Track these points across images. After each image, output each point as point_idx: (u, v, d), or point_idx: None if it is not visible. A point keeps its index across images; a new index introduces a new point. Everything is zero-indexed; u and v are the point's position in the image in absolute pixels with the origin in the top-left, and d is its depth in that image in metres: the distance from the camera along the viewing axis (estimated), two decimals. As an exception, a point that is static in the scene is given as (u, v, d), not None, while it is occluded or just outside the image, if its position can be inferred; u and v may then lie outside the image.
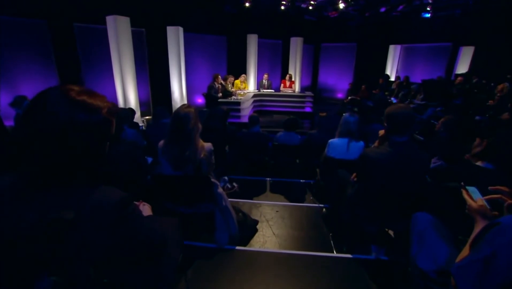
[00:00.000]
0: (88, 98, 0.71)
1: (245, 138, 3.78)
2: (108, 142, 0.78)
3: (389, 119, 1.68)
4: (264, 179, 4.05)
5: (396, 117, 1.64)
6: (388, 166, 1.62)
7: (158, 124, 3.05)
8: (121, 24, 6.00)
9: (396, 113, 1.66)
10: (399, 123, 1.63)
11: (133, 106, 6.69)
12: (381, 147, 1.70)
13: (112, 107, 0.76)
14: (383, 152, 1.64)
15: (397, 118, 1.63)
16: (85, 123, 0.68)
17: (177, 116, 1.77)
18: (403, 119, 1.62)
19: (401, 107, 1.69)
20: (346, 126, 2.73)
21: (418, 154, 1.63)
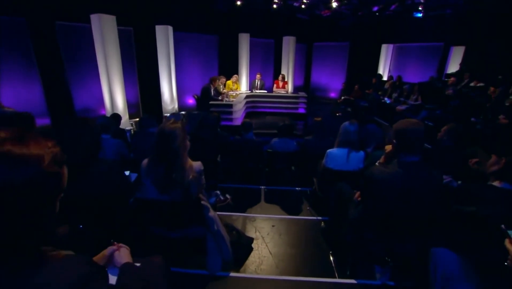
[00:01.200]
0: (16, 147, 0.52)
1: (238, 145, 3.61)
2: (57, 200, 0.59)
3: (398, 136, 1.53)
4: (258, 187, 3.89)
5: (407, 134, 1.49)
6: (397, 188, 1.47)
7: (145, 133, 2.84)
8: (107, 23, 5.71)
9: (406, 130, 1.50)
10: (410, 141, 1.48)
11: (120, 108, 6.42)
12: (389, 167, 1.55)
13: (59, 155, 0.57)
14: (392, 173, 1.49)
15: (408, 136, 1.48)
16: (14, 182, 0.49)
17: (162, 133, 1.58)
18: (415, 136, 1.47)
19: (412, 123, 1.53)
20: (345, 136, 2.58)
21: (431, 176, 1.48)
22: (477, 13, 8.39)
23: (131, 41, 7.57)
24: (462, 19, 8.86)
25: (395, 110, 7.69)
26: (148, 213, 1.66)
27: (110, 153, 2.76)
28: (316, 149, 3.57)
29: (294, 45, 9.78)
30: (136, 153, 2.81)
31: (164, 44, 7.37)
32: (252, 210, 3.20)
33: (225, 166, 3.89)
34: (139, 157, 2.76)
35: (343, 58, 11.44)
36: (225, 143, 3.69)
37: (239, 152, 3.63)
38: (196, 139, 2.78)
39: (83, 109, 7.08)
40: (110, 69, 5.99)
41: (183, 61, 8.49)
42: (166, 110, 7.87)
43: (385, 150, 1.86)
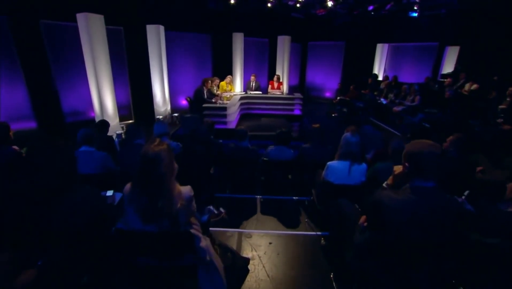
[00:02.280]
0: None
1: (232, 154, 3.44)
2: None
3: (412, 159, 1.37)
4: (254, 197, 3.74)
5: (423, 158, 1.33)
6: (411, 218, 1.32)
7: (132, 146, 2.65)
8: (94, 23, 5.45)
9: (422, 154, 1.35)
10: (426, 165, 1.33)
11: (110, 111, 6.18)
12: (400, 193, 1.40)
13: None
14: (404, 201, 1.35)
15: (424, 160, 1.32)
16: None
17: (145, 158, 1.40)
18: (432, 161, 1.32)
19: (429, 146, 1.37)
20: (347, 148, 2.44)
21: (449, 204, 1.33)
22: (472, 13, 8.35)
23: (121, 40, 7.31)
24: (456, 19, 8.81)
25: (392, 111, 7.61)
26: (131, 245, 1.49)
27: (95, 167, 2.58)
28: (313, 158, 3.43)
29: (289, 45, 9.60)
30: (123, 167, 2.62)
31: (156, 44, 7.12)
32: (248, 224, 3.05)
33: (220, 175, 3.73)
34: (126, 171, 2.58)
35: (338, 58, 11.32)
36: (219, 152, 3.53)
37: (234, 161, 3.47)
38: (188, 152, 2.61)
39: (71, 112, 6.82)
40: (98, 71, 5.74)
41: (175, 61, 8.26)
42: (159, 112, 7.64)
43: (393, 171, 1.71)
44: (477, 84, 6.89)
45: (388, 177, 2.48)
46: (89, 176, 2.57)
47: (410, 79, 9.81)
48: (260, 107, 7.47)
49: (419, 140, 1.43)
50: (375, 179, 2.57)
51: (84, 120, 6.93)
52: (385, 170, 2.49)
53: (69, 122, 6.78)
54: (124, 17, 7.02)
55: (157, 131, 3.49)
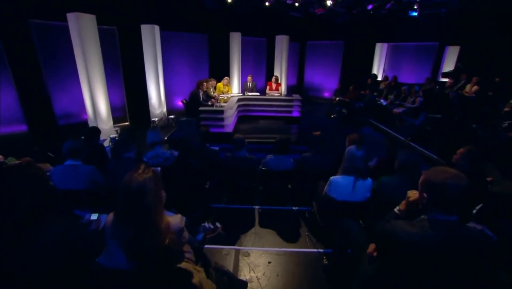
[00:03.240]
0: None
1: (229, 163, 3.29)
2: None
3: (432, 190, 1.22)
4: (252, 207, 3.59)
5: (446, 190, 1.17)
6: (429, 257, 1.18)
7: (120, 160, 2.48)
8: (85, 22, 5.25)
9: (445, 186, 1.18)
10: (449, 198, 1.18)
11: (103, 113, 5.98)
12: (417, 225, 1.25)
13: None
14: (422, 236, 1.19)
15: (447, 192, 1.17)
16: None
17: (129, 188, 1.24)
18: (456, 194, 1.17)
19: (453, 176, 1.20)
20: (351, 162, 2.29)
21: (474, 242, 1.18)
22: (472, 12, 8.21)
23: (115, 41, 7.10)
24: (457, 19, 8.67)
25: (392, 112, 7.48)
26: (112, 284, 1.33)
27: (81, 182, 2.41)
28: (314, 167, 3.29)
29: (287, 44, 9.43)
30: (110, 183, 2.45)
31: (151, 44, 6.92)
32: (246, 239, 2.90)
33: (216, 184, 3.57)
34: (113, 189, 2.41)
35: (337, 57, 11.16)
36: (215, 161, 3.37)
37: (231, 171, 3.32)
38: (181, 166, 2.45)
39: (64, 114, 6.62)
40: (90, 72, 5.54)
41: (171, 62, 8.06)
42: (154, 114, 7.45)
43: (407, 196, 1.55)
44: (478, 86, 6.77)
45: (395, 193, 2.34)
46: (74, 192, 2.41)
47: (410, 80, 9.69)
48: (258, 109, 7.30)
49: (440, 168, 1.27)
50: (380, 193, 2.43)
51: (77, 122, 6.73)
52: (392, 185, 2.35)
53: (62, 124, 6.59)
54: (117, 16, 6.80)
55: (150, 140, 3.33)
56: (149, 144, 3.34)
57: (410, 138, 6.30)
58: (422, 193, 1.27)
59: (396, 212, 1.58)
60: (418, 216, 1.41)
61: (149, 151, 3.34)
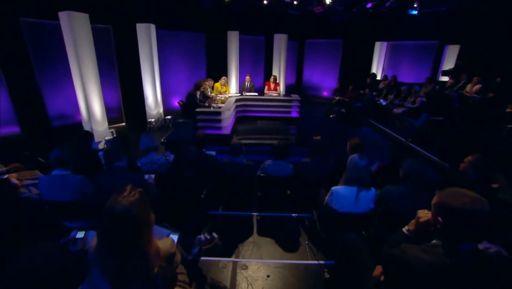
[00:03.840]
0: None
1: (227, 169, 3.18)
2: None
3: (449, 215, 1.09)
4: (250, 214, 3.49)
5: (465, 218, 1.06)
6: (444, 287, 1.08)
7: (111, 170, 2.36)
8: (78, 21, 5.09)
9: (463, 212, 1.07)
10: (468, 227, 1.07)
11: (97, 115, 5.84)
12: (430, 252, 1.14)
13: None
14: (436, 265, 1.09)
15: (466, 220, 1.06)
16: None
17: (113, 213, 1.12)
18: (477, 222, 1.05)
19: (472, 201, 1.08)
20: (355, 172, 2.19)
21: (495, 268, 1.06)
22: (472, 10, 8.10)
23: (110, 40, 6.93)
24: (456, 17, 8.56)
25: (392, 112, 7.38)
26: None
27: (70, 193, 2.29)
28: (315, 173, 3.19)
29: (286, 43, 9.31)
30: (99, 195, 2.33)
31: (147, 43, 6.77)
32: (244, 248, 2.80)
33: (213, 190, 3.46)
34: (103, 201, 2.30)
35: (336, 56, 11.03)
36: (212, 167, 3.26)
37: (228, 178, 3.21)
38: (174, 176, 2.33)
39: (58, 115, 6.48)
40: (84, 73, 5.38)
41: (168, 62, 7.90)
42: (151, 115, 7.32)
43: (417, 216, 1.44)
44: (480, 85, 6.69)
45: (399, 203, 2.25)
46: (62, 204, 2.29)
47: (409, 79, 9.60)
48: (256, 109, 7.18)
49: (457, 190, 1.15)
50: (384, 203, 2.34)
51: (72, 123, 6.59)
52: (396, 195, 2.26)
53: (56, 126, 6.45)
54: (112, 15, 6.64)
55: (143, 145, 3.21)
56: (143, 150, 3.22)
57: (411, 139, 6.22)
58: (437, 216, 1.16)
59: (404, 232, 1.48)
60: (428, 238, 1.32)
61: (143, 157, 3.22)
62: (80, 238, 1.67)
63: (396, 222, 2.34)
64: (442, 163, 5.00)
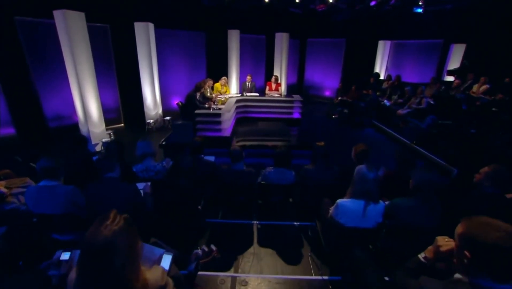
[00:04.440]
0: None
1: (226, 177, 3.04)
2: None
3: (479, 249, 0.95)
4: (250, 222, 3.36)
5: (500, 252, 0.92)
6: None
7: (101, 181, 2.22)
8: (73, 20, 4.94)
9: (499, 247, 0.92)
10: (503, 263, 0.92)
11: (94, 116, 5.70)
12: (451, 287, 1.00)
13: None
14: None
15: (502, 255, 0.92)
16: None
17: (93, 246, 0.98)
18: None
19: (508, 234, 0.94)
20: (362, 185, 2.04)
21: None
22: (479, 8, 7.89)
23: (108, 39, 6.79)
24: (463, 15, 8.35)
25: (396, 113, 7.22)
26: None
27: (59, 205, 2.15)
28: (318, 181, 3.04)
29: (287, 43, 9.14)
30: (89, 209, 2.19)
31: (145, 42, 6.62)
32: (244, 261, 2.67)
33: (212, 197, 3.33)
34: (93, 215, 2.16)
35: (339, 55, 10.84)
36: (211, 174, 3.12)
37: (228, 185, 3.07)
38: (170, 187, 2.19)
39: (55, 116, 6.35)
40: (80, 73, 5.24)
41: (167, 61, 7.75)
42: (149, 116, 7.18)
43: (436, 243, 1.29)
44: (487, 85, 6.50)
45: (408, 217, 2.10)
46: (51, 217, 2.15)
47: (413, 79, 9.41)
48: (257, 110, 7.03)
49: (488, 221, 0.99)
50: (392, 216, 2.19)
51: (69, 124, 6.47)
52: (405, 209, 2.11)
53: (53, 127, 6.33)
54: (110, 14, 6.49)
55: (140, 151, 3.08)
56: (139, 156, 3.09)
57: (416, 142, 6.06)
58: (463, 249, 1.01)
59: (421, 259, 1.33)
60: (448, 268, 1.17)
61: (139, 163, 3.09)
62: (65, 260, 1.52)
63: (405, 236, 2.20)
64: (448, 167, 4.84)
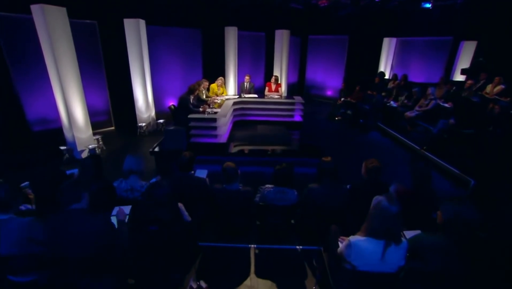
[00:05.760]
0: None
1: (219, 198, 2.63)
2: None
3: None
4: (247, 246, 2.97)
5: None
6: None
7: (65, 214, 1.81)
8: (53, 16, 4.49)
9: None
10: None
11: (79, 120, 5.26)
12: None
13: None
14: None
15: None
16: None
17: None
18: None
19: None
20: (382, 221, 1.63)
21: None
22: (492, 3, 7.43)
23: (96, 36, 6.34)
24: (474, 10, 7.88)
25: (404, 116, 6.79)
26: None
27: (14, 243, 1.76)
28: (324, 202, 2.64)
29: (288, 41, 8.69)
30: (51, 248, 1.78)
31: (135, 40, 6.18)
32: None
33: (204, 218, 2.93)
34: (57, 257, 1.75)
35: (342, 53, 10.38)
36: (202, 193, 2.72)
37: (221, 206, 2.67)
38: (150, 221, 1.79)
39: (39, 120, 5.94)
40: (62, 73, 4.80)
41: (160, 60, 7.31)
42: (141, 119, 6.75)
43: None
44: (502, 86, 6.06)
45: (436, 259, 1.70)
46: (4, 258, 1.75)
47: (420, 78, 8.99)
48: (256, 113, 6.61)
49: None
50: (416, 256, 1.79)
51: (54, 128, 6.03)
52: (433, 249, 1.72)
53: (37, 131, 5.92)
54: (97, 9, 6.05)
55: (127, 166, 2.69)
56: (126, 172, 2.69)
57: (426, 147, 5.65)
58: None
59: None
60: None
61: (124, 179, 2.69)
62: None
63: (431, 282, 1.81)
64: (464, 177, 4.44)
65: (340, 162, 2.97)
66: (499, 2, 7.28)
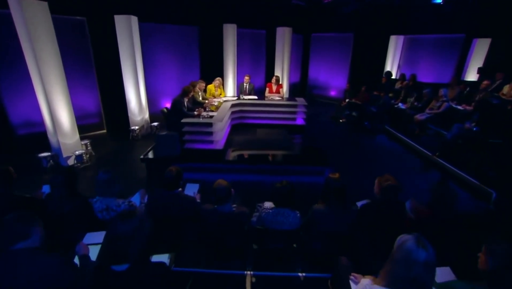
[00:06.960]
0: None
1: (210, 219, 2.25)
2: None
3: None
4: (243, 273, 2.57)
5: None
6: None
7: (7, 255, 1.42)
8: (33, 11, 4.10)
9: None
10: None
11: (65, 124, 4.89)
12: None
13: None
14: None
15: None
16: None
17: None
18: None
19: None
20: (407, 269, 1.22)
21: None
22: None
23: (85, 34, 5.97)
24: (487, 6, 7.41)
25: (413, 119, 6.36)
26: None
27: None
28: (331, 227, 2.25)
29: (290, 39, 8.28)
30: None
31: (127, 38, 5.80)
32: None
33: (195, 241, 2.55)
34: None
35: (346, 52, 9.93)
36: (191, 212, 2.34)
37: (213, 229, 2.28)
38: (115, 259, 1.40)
39: (23, 123, 5.59)
40: (45, 74, 4.41)
41: (154, 59, 6.92)
42: (134, 122, 6.37)
43: None
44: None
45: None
46: None
47: (429, 78, 8.54)
48: (255, 116, 6.20)
49: None
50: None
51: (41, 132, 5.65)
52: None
53: (22, 134, 5.58)
54: (85, 5, 5.67)
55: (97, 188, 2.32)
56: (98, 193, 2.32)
57: (439, 153, 5.22)
58: None
59: None
60: None
61: (100, 198, 2.32)
62: None
63: None
64: (485, 189, 4.02)
65: (345, 170, 2.58)
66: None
